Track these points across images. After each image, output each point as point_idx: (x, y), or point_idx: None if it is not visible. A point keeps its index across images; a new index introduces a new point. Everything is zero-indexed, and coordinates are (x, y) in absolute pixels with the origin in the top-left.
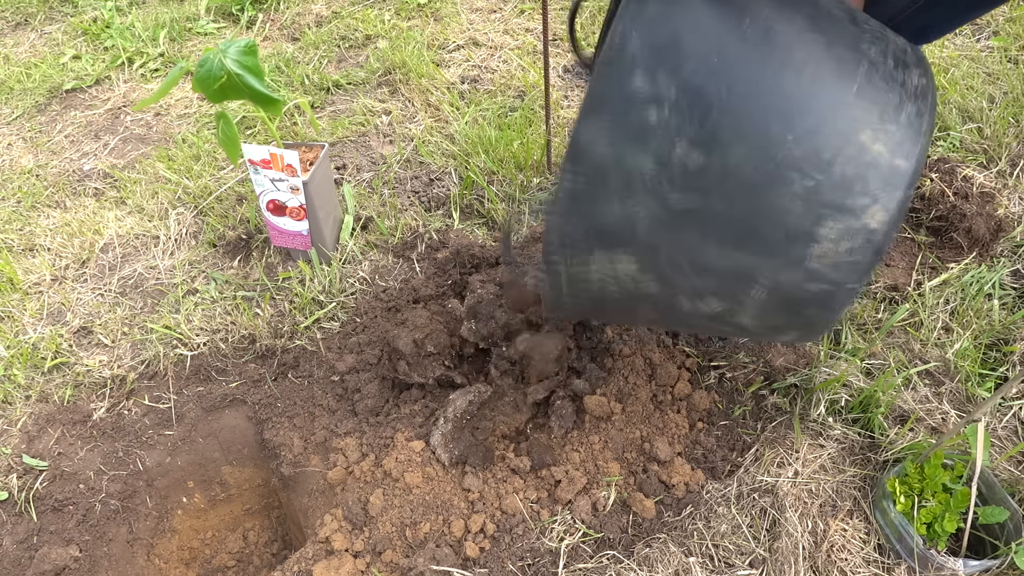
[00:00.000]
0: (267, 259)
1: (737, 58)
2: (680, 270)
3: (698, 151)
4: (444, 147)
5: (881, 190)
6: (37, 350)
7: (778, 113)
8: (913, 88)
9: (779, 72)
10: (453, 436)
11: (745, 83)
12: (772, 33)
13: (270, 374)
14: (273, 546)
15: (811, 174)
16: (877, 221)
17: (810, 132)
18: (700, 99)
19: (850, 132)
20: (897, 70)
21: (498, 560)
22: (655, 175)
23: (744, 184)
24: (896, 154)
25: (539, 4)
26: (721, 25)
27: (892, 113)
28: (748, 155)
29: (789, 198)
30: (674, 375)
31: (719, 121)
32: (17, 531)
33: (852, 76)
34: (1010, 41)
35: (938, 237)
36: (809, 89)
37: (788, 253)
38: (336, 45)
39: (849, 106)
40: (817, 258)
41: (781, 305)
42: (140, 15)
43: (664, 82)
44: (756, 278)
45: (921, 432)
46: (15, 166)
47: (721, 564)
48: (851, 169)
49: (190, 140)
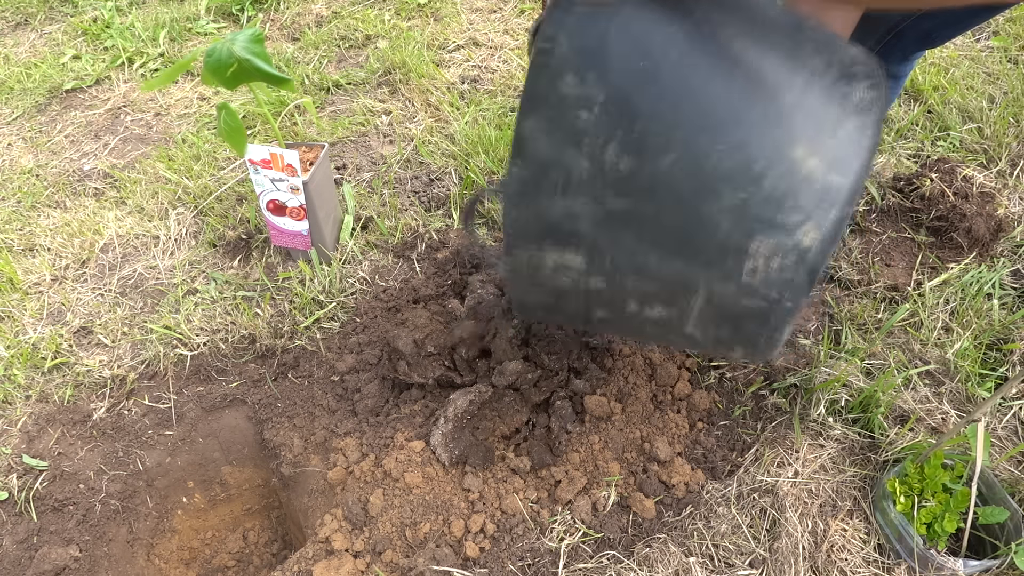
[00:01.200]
0: (267, 259)
1: (665, 64)
2: (623, 270)
3: (627, 155)
4: (444, 147)
5: (815, 207)
6: (37, 350)
7: (706, 123)
8: (858, 101)
9: (710, 80)
10: (453, 436)
11: (673, 90)
12: (706, 39)
13: (270, 374)
14: (273, 546)
15: (741, 187)
16: (810, 239)
17: (739, 144)
18: (627, 104)
19: (782, 146)
20: (840, 82)
21: (498, 560)
22: (590, 175)
23: (674, 193)
24: (832, 170)
25: (539, 4)
26: (649, 29)
27: (831, 127)
28: (677, 164)
29: (719, 210)
30: (674, 375)
31: (647, 127)
32: (17, 531)
33: (787, 87)
34: (1010, 41)
35: (938, 237)
36: (739, 99)
37: (721, 265)
38: (336, 45)
39: (782, 118)
40: (749, 273)
41: (720, 317)
42: (140, 15)
43: (593, 84)
44: (694, 287)
45: (921, 432)
46: (15, 166)
47: (721, 564)
48: (782, 184)
49: (190, 140)
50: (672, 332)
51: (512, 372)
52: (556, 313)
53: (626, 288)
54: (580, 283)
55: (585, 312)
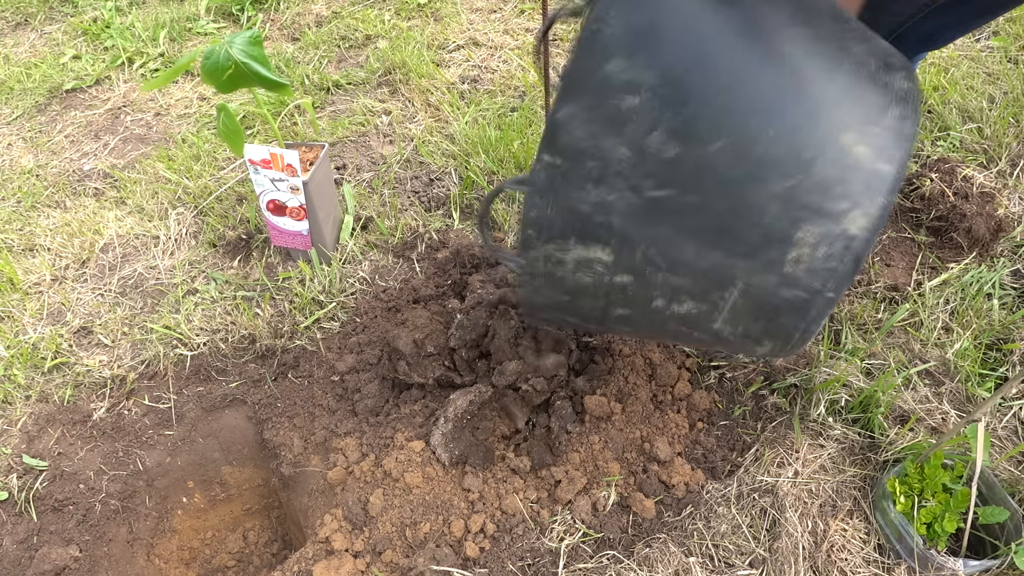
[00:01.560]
0: (267, 259)
1: (718, 48)
2: (654, 264)
3: (674, 141)
4: (444, 147)
5: (863, 194)
6: (37, 350)
7: (758, 108)
8: (898, 90)
9: (761, 65)
10: (453, 436)
11: (725, 75)
12: (755, 23)
13: (270, 374)
14: (273, 546)
15: (790, 174)
16: (857, 227)
17: (791, 130)
18: (678, 88)
19: (833, 132)
20: (882, 71)
21: (498, 560)
22: (630, 163)
23: (720, 179)
24: (879, 157)
25: (539, 4)
26: (703, 12)
27: (877, 115)
28: (725, 149)
29: (766, 197)
30: (674, 375)
31: (697, 112)
32: (17, 531)
33: (837, 74)
34: (1010, 41)
35: (938, 237)
36: (792, 85)
37: (764, 255)
38: (336, 45)
39: (833, 105)
40: (793, 262)
41: (756, 311)
42: (140, 15)
43: (642, 67)
44: (731, 280)
45: (921, 432)
46: (15, 166)
47: (721, 564)
48: (832, 171)
49: (190, 140)
50: (698, 328)
51: (512, 372)
52: (569, 314)
53: (655, 283)
54: (603, 280)
55: (603, 310)
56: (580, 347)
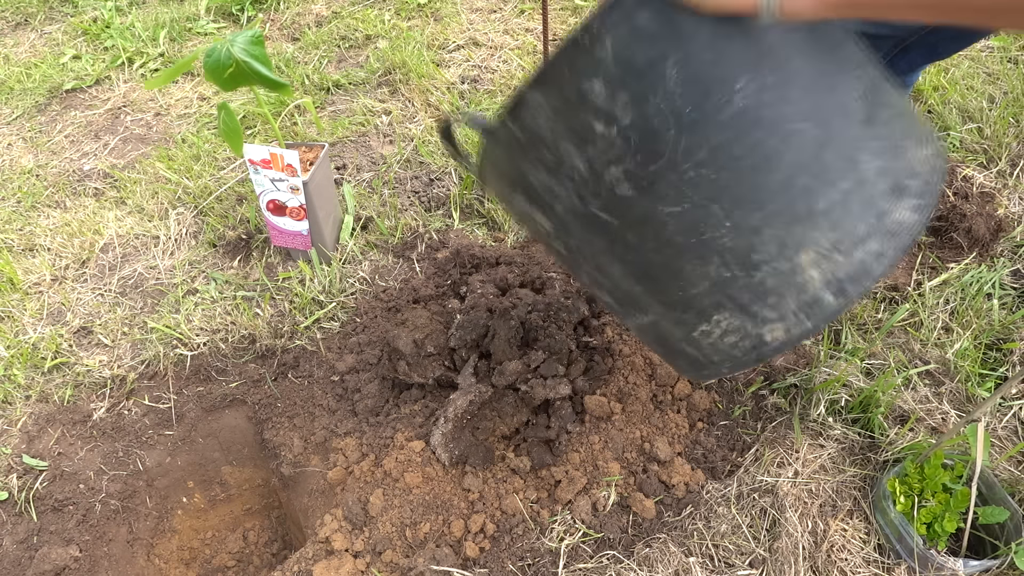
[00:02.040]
0: (267, 259)
1: (709, 119)
2: (584, 257)
3: (630, 185)
4: (444, 147)
5: (793, 314)
6: (37, 350)
7: (727, 195)
8: (891, 222)
9: (749, 153)
10: (453, 436)
11: (708, 149)
12: (760, 107)
13: (270, 374)
14: (273, 546)
15: (731, 267)
16: (773, 336)
17: (750, 230)
18: (652, 143)
19: (792, 247)
20: (886, 196)
21: (498, 560)
22: (582, 177)
23: (663, 240)
24: (828, 288)
25: (539, 4)
26: (711, 75)
27: (849, 245)
28: (678, 217)
29: (700, 275)
30: (674, 375)
31: (663, 172)
32: (17, 531)
33: (828, 190)
34: (1010, 41)
35: (938, 237)
36: (771, 187)
37: (678, 314)
38: (336, 45)
39: (805, 219)
40: (701, 333)
41: (660, 341)
42: (140, 15)
43: (622, 106)
44: (645, 309)
45: (921, 432)
46: (15, 166)
47: (721, 564)
48: (773, 282)
49: (190, 140)
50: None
51: (512, 372)
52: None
53: (585, 268)
54: (542, 232)
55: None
56: (580, 347)
